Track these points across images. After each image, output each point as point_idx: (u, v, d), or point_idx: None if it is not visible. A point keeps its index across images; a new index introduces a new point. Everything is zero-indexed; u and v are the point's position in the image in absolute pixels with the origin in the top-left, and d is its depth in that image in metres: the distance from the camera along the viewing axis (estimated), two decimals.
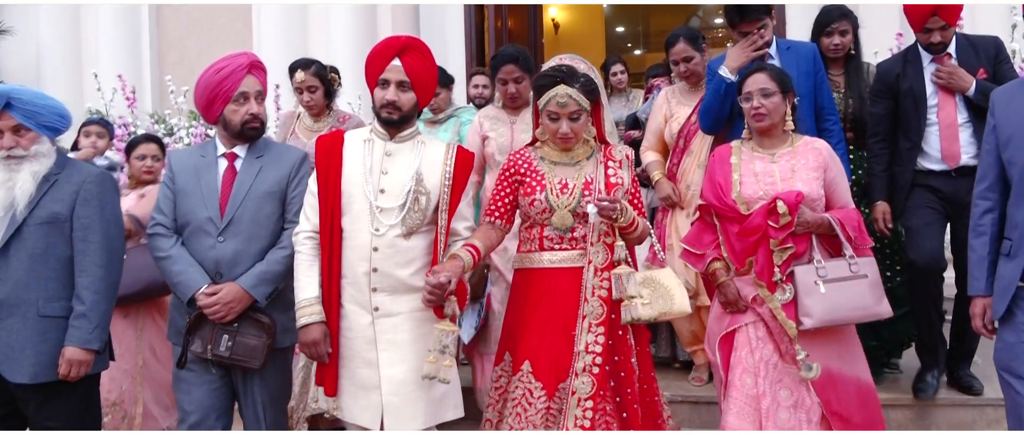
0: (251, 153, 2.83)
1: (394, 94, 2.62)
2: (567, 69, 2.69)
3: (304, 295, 2.60)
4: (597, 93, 2.73)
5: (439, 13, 6.83)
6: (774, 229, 2.75)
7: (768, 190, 2.83)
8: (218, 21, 7.07)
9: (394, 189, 2.62)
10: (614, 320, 2.66)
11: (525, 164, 2.80)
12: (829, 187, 2.88)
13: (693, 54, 3.86)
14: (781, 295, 2.78)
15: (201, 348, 2.68)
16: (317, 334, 2.58)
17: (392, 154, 2.67)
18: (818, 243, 2.82)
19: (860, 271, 2.78)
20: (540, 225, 2.74)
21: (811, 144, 2.94)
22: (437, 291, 2.44)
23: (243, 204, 2.73)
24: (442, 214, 2.65)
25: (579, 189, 2.70)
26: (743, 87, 2.93)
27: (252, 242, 2.72)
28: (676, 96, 4.02)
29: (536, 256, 2.74)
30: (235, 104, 2.76)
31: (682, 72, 3.92)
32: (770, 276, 2.78)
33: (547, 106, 2.68)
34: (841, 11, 3.78)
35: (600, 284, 2.66)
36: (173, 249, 2.73)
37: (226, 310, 2.65)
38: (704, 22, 12.73)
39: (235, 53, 2.83)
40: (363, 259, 2.58)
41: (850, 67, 3.81)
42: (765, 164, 2.90)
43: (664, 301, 2.62)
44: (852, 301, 2.75)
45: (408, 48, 2.64)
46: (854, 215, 2.88)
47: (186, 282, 2.69)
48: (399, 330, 2.59)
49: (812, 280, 2.75)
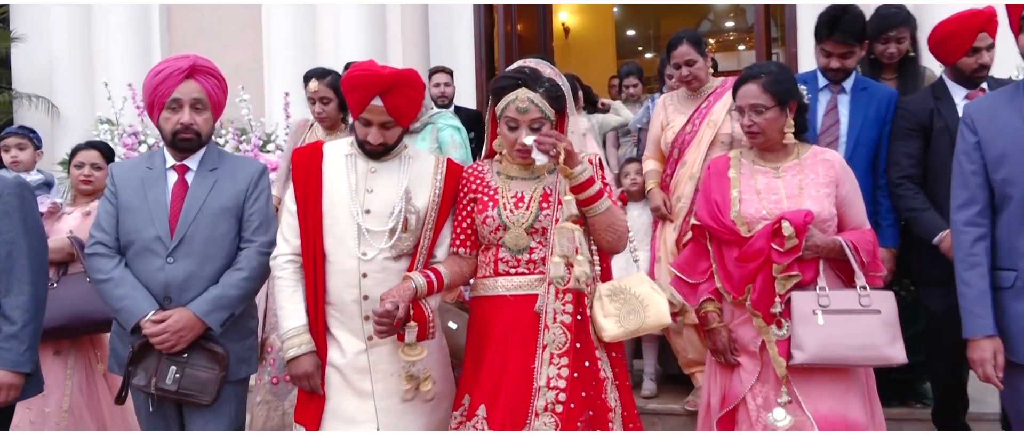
0: (203, 165, 2.54)
1: (378, 135, 2.35)
2: (530, 71, 2.34)
3: (291, 323, 2.35)
4: (563, 101, 2.38)
5: (447, 15, 6.68)
6: (778, 253, 2.40)
7: (772, 209, 2.47)
8: (228, 28, 6.91)
9: (381, 209, 2.36)
10: (579, 349, 2.28)
11: (478, 180, 2.47)
12: (842, 205, 2.51)
13: (696, 58, 3.59)
14: (779, 330, 2.41)
15: (144, 381, 2.38)
16: (309, 365, 2.33)
17: (377, 171, 2.41)
18: (827, 270, 2.44)
19: (871, 305, 2.36)
20: (494, 246, 2.39)
21: (821, 155, 2.57)
22: (385, 319, 2.17)
23: (196, 221, 2.45)
24: (427, 233, 2.38)
25: (536, 203, 2.35)
26: (736, 96, 2.58)
27: (206, 263, 2.45)
28: (673, 103, 3.75)
29: (490, 282, 2.39)
30: (168, 111, 2.49)
31: (684, 76, 3.64)
32: (768, 306, 2.42)
33: (505, 112, 2.33)
34: (901, 16, 3.38)
35: (562, 308, 2.28)
36: (115, 271, 2.44)
37: (175, 339, 2.36)
38: (715, 25, 12.55)
39: (179, 55, 2.55)
40: (351, 286, 2.33)
41: (906, 70, 3.45)
42: (768, 179, 2.55)
43: (636, 316, 2.28)
44: (856, 338, 2.33)
45: (392, 88, 2.31)
46: (870, 237, 2.50)
47: (130, 308, 2.39)
48: (394, 359, 2.33)
49: (810, 308, 2.37)
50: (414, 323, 2.25)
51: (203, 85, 2.51)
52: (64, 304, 3.02)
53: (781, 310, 2.41)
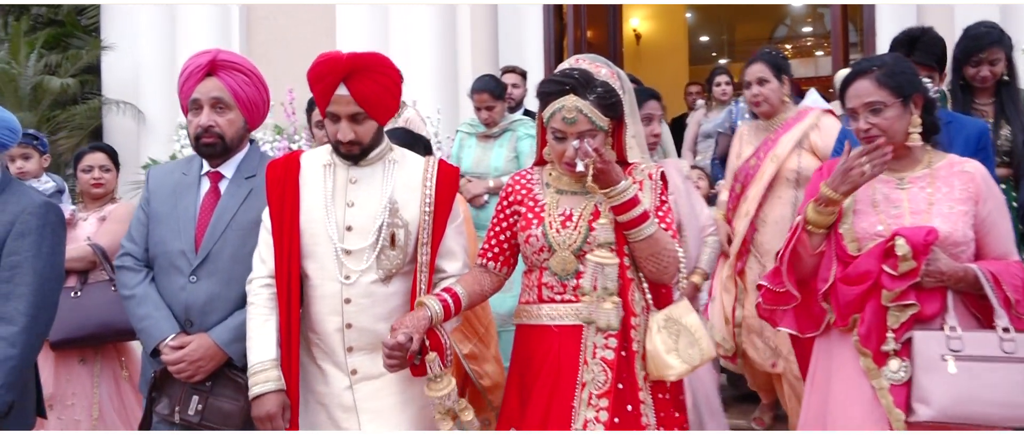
0: (240, 173, 2.24)
1: (348, 130, 2.02)
2: (580, 75, 1.98)
3: (258, 357, 2.03)
4: (619, 108, 2.01)
5: (517, 18, 6.57)
6: (890, 277, 1.94)
7: (891, 225, 2.01)
8: (302, 31, 6.89)
9: (363, 225, 2.03)
10: (622, 391, 1.96)
11: (524, 191, 2.12)
12: (981, 227, 2.02)
13: (770, 78, 3.24)
14: (892, 372, 1.95)
15: (168, 409, 2.11)
16: (272, 406, 2.00)
17: (358, 180, 2.08)
18: (958, 305, 1.96)
19: (1018, 352, 1.88)
20: (539, 269, 2.05)
21: (959, 166, 2.07)
22: (396, 353, 1.86)
23: (223, 236, 2.16)
24: (424, 249, 2.03)
25: (585, 222, 2.00)
26: (845, 99, 2.12)
27: (231, 285, 2.14)
28: (747, 133, 3.42)
29: (534, 309, 2.06)
30: (191, 113, 2.21)
31: (752, 96, 3.27)
32: (879, 343, 1.95)
33: (551, 122, 1.99)
34: (994, 36, 3.00)
35: (604, 342, 1.95)
36: (140, 287, 2.18)
37: (193, 369, 2.09)
38: (792, 30, 12.21)
39: (204, 51, 2.26)
40: (334, 313, 2.03)
41: (1004, 94, 3.06)
42: (890, 190, 2.08)
43: (695, 349, 1.97)
44: (999, 392, 1.86)
45: (355, 72, 1.99)
46: (1017, 270, 1.98)
47: (150, 329, 2.13)
48: (383, 395, 2.03)
49: (937, 352, 1.90)
50: (433, 354, 1.94)
51: (226, 82, 2.20)
52: (90, 313, 2.91)
53: (896, 349, 1.96)
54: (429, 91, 5.77)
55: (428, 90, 5.71)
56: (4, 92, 6.50)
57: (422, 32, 6.34)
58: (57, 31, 7.20)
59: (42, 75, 6.63)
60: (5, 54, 6.74)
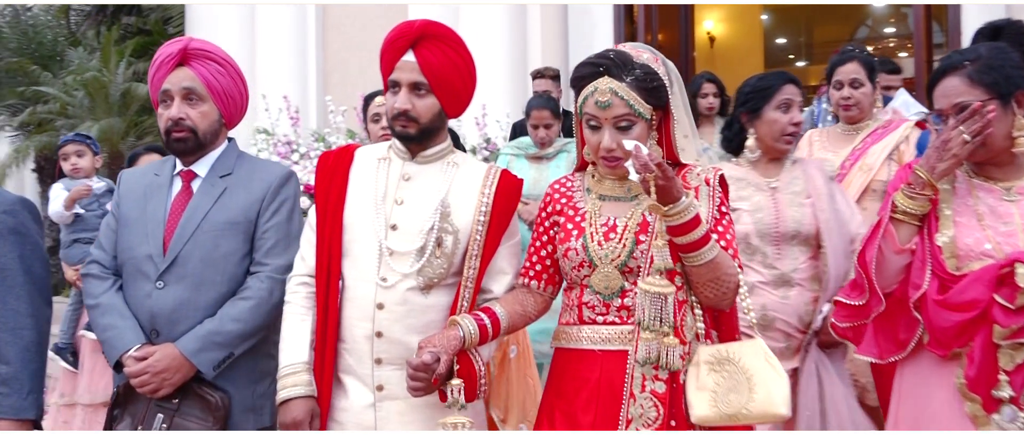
0: (214, 171, 2.05)
1: (406, 100, 1.83)
2: (615, 55, 1.73)
3: (289, 359, 1.85)
4: (662, 93, 1.75)
5: (589, 19, 6.50)
6: (1005, 311, 1.63)
7: (1001, 243, 1.71)
8: (376, 37, 7.28)
9: (410, 225, 1.84)
10: (675, 427, 1.69)
11: (564, 198, 1.87)
12: None
13: (865, 81, 2.97)
14: (1004, 419, 1.65)
15: (129, 429, 1.92)
16: (300, 412, 1.80)
17: (412, 177, 1.89)
18: None
19: None
20: (579, 286, 1.80)
21: None
22: (421, 374, 1.64)
23: (193, 238, 1.97)
24: (472, 262, 1.81)
25: (632, 234, 1.74)
26: (933, 98, 1.84)
27: (202, 290, 1.96)
28: (822, 139, 3.09)
29: (573, 331, 1.80)
30: (161, 107, 2.03)
31: (844, 100, 2.99)
32: (990, 386, 1.66)
33: (584, 108, 1.75)
34: None
35: (655, 373, 1.68)
36: (105, 296, 1.99)
37: (157, 382, 1.88)
38: (873, 30, 11.75)
39: (175, 39, 2.09)
40: (364, 319, 1.82)
41: None
42: (995, 201, 1.78)
43: (737, 396, 1.63)
44: None
45: (425, 36, 1.83)
46: None
47: (112, 340, 1.94)
48: (409, 419, 1.81)
49: None
50: (459, 380, 1.71)
51: (198, 72, 2.02)
52: None
53: (1012, 395, 1.64)
54: (499, 95, 5.78)
55: (498, 94, 5.72)
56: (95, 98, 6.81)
57: (492, 34, 6.30)
58: (145, 40, 7.51)
59: (131, 82, 6.93)
60: (97, 62, 7.07)
